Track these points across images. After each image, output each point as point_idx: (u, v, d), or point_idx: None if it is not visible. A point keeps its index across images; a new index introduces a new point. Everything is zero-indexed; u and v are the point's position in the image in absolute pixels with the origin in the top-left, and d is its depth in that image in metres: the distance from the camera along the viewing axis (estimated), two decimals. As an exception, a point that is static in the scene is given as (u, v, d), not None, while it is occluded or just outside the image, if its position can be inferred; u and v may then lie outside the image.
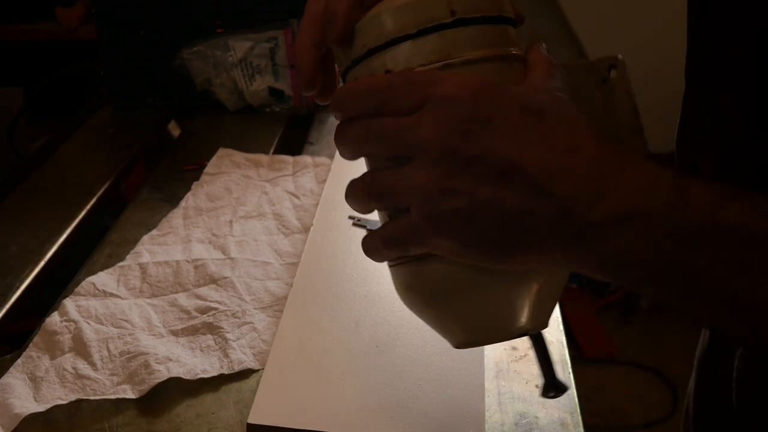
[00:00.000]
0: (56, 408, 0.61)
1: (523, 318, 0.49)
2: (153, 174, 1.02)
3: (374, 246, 0.49)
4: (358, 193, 0.48)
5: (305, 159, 1.03)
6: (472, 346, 0.51)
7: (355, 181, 0.48)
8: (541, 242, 0.43)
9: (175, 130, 1.33)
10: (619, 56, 0.53)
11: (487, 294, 0.48)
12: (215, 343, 0.68)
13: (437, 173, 0.43)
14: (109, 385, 0.63)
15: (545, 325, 0.51)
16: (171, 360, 0.65)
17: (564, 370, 0.67)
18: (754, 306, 0.41)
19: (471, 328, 0.50)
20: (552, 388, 0.50)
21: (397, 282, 0.51)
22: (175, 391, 0.63)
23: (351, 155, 0.48)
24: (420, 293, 0.50)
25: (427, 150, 0.43)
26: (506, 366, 0.67)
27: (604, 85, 0.52)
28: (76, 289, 0.74)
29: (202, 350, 0.68)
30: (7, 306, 0.75)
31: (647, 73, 2.38)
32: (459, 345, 0.51)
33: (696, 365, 0.73)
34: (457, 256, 0.46)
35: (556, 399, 0.63)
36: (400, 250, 0.48)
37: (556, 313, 0.74)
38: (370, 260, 0.51)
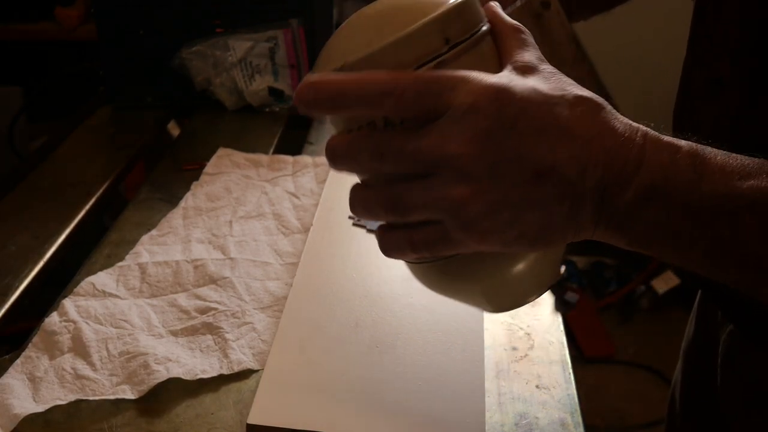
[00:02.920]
0: (55, 408, 0.61)
1: (548, 276, 0.51)
2: (152, 174, 1.02)
3: (398, 247, 0.47)
4: (374, 208, 0.46)
5: (305, 159, 1.02)
6: (506, 311, 0.53)
7: (367, 194, 0.46)
8: (577, 228, 0.45)
9: (174, 129, 1.33)
10: None
11: (511, 271, 0.49)
12: (215, 343, 0.68)
13: (474, 187, 0.42)
14: (108, 386, 0.63)
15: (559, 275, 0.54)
16: (170, 360, 0.65)
17: (564, 371, 0.67)
18: None
19: (499, 301, 0.52)
20: None
21: (418, 275, 0.53)
22: (174, 391, 0.63)
23: (357, 172, 0.46)
24: (444, 284, 0.51)
25: (458, 165, 0.42)
26: (506, 366, 0.67)
27: (539, 21, 0.52)
28: (75, 289, 0.74)
29: (201, 350, 0.67)
30: (7, 306, 0.75)
31: (645, 68, 2.38)
32: (494, 311, 0.53)
33: (682, 356, 0.73)
34: (490, 250, 0.46)
35: (557, 399, 0.63)
36: (429, 254, 0.47)
37: (557, 313, 0.74)
38: (370, 260, 0.51)
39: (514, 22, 0.49)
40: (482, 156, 0.42)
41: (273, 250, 0.83)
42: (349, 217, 0.86)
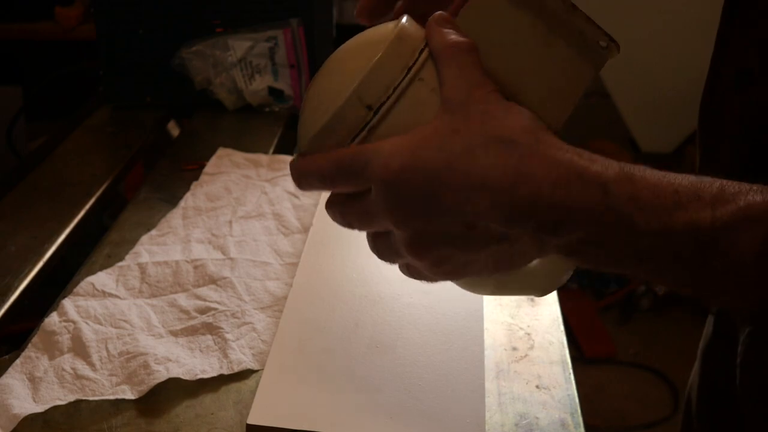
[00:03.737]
0: (55, 408, 0.61)
1: (553, 278, 0.53)
2: (152, 174, 1.02)
3: (385, 253, 0.51)
4: (350, 222, 0.51)
5: (305, 158, 1.02)
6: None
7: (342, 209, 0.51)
8: (525, 256, 0.47)
9: (174, 129, 1.33)
10: None
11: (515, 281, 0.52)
12: (214, 343, 0.68)
13: (416, 247, 0.46)
14: (108, 386, 0.63)
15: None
16: (170, 360, 0.65)
17: (565, 371, 0.66)
18: (719, 289, 0.45)
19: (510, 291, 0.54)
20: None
21: None
22: (174, 391, 0.63)
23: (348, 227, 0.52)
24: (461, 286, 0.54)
25: (397, 233, 0.47)
26: (506, 366, 0.67)
27: None
28: (75, 290, 0.74)
29: (201, 350, 0.67)
30: (6, 306, 0.75)
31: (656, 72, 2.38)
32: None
33: (699, 356, 0.73)
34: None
35: (557, 399, 0.63)
36: (418, 276, 0.51)
37: (557, 314, 0.73)
38: (370, 260, 0.53)
39: (453, 38, 0.48)
40: (415, 228, 0.46)
41: (273, 250, 0.83)
42: (349, 217, 0.85)
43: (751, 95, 0.56)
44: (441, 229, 0.45)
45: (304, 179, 0.50)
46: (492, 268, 0.47)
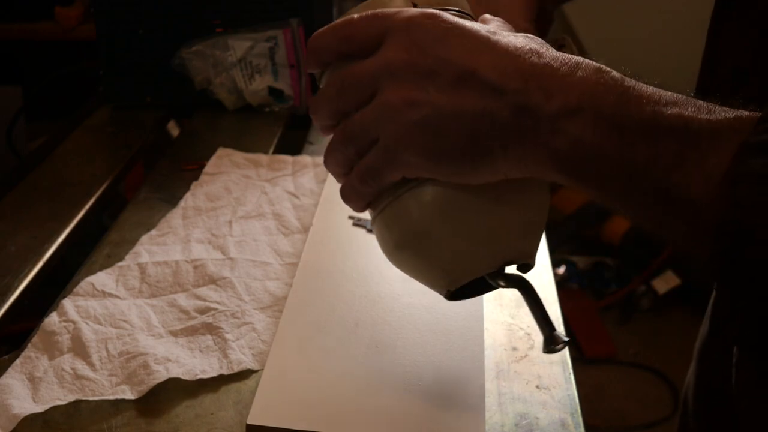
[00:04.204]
0: (55, 409, 0.61)
1: (505, 244, 0.51)
2: (152, 174, 1.02)
3: (353, 188, 0.52)
4: (336, 146, 0.51)
5: (305, 159, 1.02)
6: (460, 283, 0.53)
7: (332, 140, 0.52)
8: (502, 142, 0.46)
9: (174, 129, 1.33)
10: (566, 36, 0.60)
11: (467, 218, 0.50)
12: (214, 343, 0.68)
13: (399, 89, 0.47)
14: (107, 386, 0.63)
15: (530, 258, 0.53)
16: (170, 360, 0.65)
17: (565, 371, 0.66)
18: (687, 205, 0.42)
19: (454, 261, 0.52)
20: (552, 341, 0.51)
21: (383, 234, 0.54)
22: (174, 391, 0.63)
23: (329, 117, 0.51)
24: (405, 237, 0.52)
25: (390, 72, 0.47)
26: (507, 366, 0.67)
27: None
28: (74, 290, 0.74)
29: (201, 351, 0.67)
30: (6, 306, 0.75)
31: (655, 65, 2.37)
32: (449, 285, 0.53)
33: (695, 356, 0.73)
34: (428, 171, 0.49)
35: (557, 399, 0.63)
36: (375, 182, 0.50)
37: (557, 314, 0.73)
38: (370, 260, 0.52)
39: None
40: (411, 60, 0.46)
41: (273, 250, 0.83)
42: (349, 217, 0.86)
43: (744, 93, 0.57)
44: (434, 75, 0.46)
45: (328, 38, 0.51)
46: (459, 151, 0.47)
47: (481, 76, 0.45)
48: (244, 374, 0.65)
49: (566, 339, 0.52)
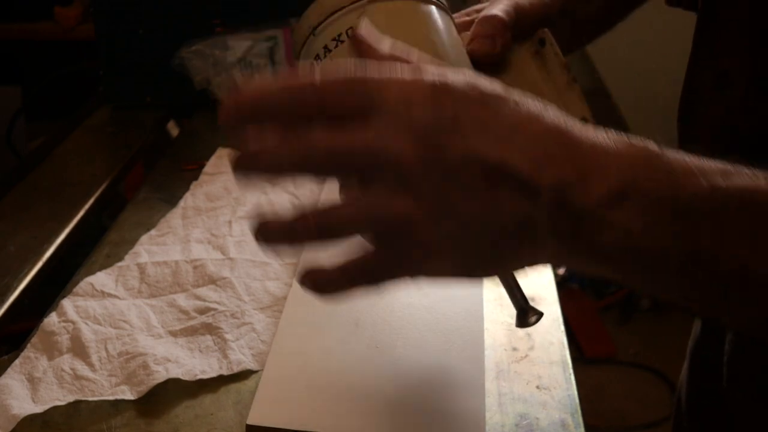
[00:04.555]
0: (54, 409, 0.61)
1: None
2: (152, 174, 1.02)
3: (333, 282, 0.43)
4: (300, 231, 0.42)
5: (305, 158, 1.02)
6: None
7: (291, 222, 0.41)
8: (534, 244, 0.39)
9: (173, 129, 1.33)
10: (545, 30, 0.59)
11: None
12: (214, 343, 0.68)
13: (417, 197, 0.37)
14: (107, 386, 0.63)
15: None
16: (170, 361, 0.65)
17: (565, 371, 0.66)
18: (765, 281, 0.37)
19: None
20: (525, 313, 0.52)
21: None
22: (173, 392, 0.63)
23: (272, 176, 0.40)
24: None
25: (397, 166, 0.37)
26: (507, 367, 0.67)
27: (538, 56, 0.58)
28: (74, 290, 0.74)
29: (201, 351, 0.67)
30: (5, 306, 0.75)
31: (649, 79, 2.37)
32: None
33: (688, 356, 0.73)
34: (440, 277, 0.41)
35: (557, 399, 0.63)
36: (370, 285, 0.42)
37: (557, 314, 0.73)
38: None
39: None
40: (424, 156, 0.37)
41: (272, 250, 0.82)
42: (349, 217, 0.85)
43: (728, 97, 0.57)
44: (456, 174, 0.37)
45: (272, 96, 0.39)
46: (481, 258, 0.39)
47: (510, 166, 0.37)
48: (243, 374, 0.65)
49: (541, 312, 0.51)
